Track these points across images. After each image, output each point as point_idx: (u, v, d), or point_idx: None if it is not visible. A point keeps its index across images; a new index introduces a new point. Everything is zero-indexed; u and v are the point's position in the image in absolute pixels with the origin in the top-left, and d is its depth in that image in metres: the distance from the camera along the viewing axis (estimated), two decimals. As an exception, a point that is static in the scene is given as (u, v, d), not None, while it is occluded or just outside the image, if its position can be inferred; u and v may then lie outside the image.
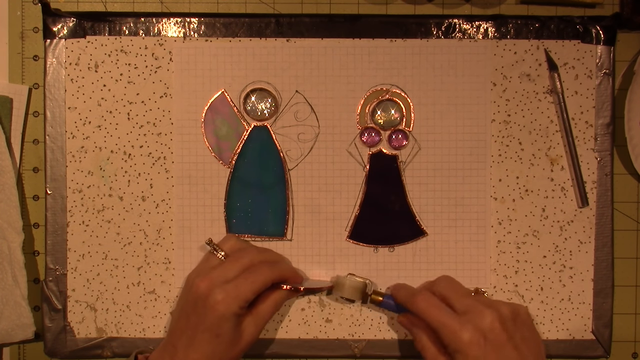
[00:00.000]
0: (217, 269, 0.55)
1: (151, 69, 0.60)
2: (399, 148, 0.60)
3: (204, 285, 0.53)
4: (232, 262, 0.55)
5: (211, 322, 0.53)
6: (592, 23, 0.60)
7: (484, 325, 0.51)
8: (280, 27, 0.60)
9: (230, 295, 0.53)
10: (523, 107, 0.60)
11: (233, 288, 0.53)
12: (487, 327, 0.51)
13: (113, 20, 0.60)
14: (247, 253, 0.56)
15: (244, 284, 0.54)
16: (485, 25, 0.60)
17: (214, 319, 0.53)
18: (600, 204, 0.60)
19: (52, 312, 0.60)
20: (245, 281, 0.54)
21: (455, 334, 0.51)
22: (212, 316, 0.53)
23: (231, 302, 0.53)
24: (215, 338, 0.53)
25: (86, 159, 0.60)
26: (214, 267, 0.55)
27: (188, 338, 0.53)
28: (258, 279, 0.54)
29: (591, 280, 0.60)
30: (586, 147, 0.60)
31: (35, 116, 0.62)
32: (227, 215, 0.61)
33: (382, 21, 0.60)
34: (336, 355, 0.61)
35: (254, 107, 0.61)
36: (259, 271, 0.55)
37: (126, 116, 0.60)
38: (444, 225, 0.60)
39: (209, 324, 0.53)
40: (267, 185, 0.60)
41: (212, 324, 0.53)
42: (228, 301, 0.53)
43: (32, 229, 0.62)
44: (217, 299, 0.53)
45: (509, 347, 0.51)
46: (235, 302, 0.53)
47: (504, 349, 0.51)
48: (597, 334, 0.60)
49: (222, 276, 0.54)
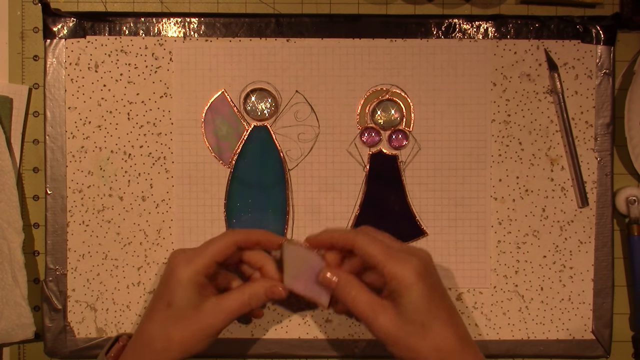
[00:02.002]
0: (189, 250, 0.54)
1: (151, 69, 0.60)
2: (399, 148, 0.60)
3: (172, 254, 0.53)
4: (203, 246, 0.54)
5: (165, 288, 0.52)
6: (592, 23, 0.60)
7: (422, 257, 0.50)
8: (280, 27, 0.60)
9: (187, 257, 0.52)
10: (523, 107, 0.60)
11: (192, 251, 0.52)
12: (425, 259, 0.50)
13: (113, 20, 0.60)
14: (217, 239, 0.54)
15: (203, 248, 0.52)
16: (485, 25, 0.60)
17: (169, 285, 0.51)
18: (600, 204, 0.60)
19: (52, 312, 0.60)
20: (205, 246, 0.53)
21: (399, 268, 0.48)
22: (168, 282, 0.52)
23: (186, 265, 0.51)
24: (167, 307, 0.51)
25: (86, 159, 0.60)
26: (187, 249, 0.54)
27: (148, 309, 0.53)
28: (218, 241, 0.53)
29: (591, 280, 0.60)
30: (586, 147, 0.60)
31: (35, 116, 0.62)
32: (227, 215, 0.61)
33: (382, 21, 0.60)
34: (336, 355, 0.61)
35: (254, 107, 0.61)
36: (221, 235, 0.54)
37: (126, 116, 0.60)
38: (444, 225, 0.60)
39: (164, 290, 0.52)
40: (267, 185, 0.60)
41: (166, 291, 0.52)
42: (183, 264, 0.51)
43: (32, 229, 0.62)
44: (174, 262, 0.52)
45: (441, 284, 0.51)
46: (191, 265, 0.51)
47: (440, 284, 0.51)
48: (597, 334, 0.60)
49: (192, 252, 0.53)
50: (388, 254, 0.50)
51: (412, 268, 0.49)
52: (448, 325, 0.49)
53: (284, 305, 0.61)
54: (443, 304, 0.50)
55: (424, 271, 0.49)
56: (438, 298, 0.49)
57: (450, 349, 0.48)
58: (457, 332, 0.49)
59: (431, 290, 0.49)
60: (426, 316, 0.48)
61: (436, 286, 0.50)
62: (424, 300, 0.48)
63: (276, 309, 0.61)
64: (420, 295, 0.48)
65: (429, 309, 0.48)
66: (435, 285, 0.50)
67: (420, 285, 0.48)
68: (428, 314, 0.48)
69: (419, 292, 0.48)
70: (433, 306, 0.49)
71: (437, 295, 0.49)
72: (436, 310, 0.49)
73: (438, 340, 0.48)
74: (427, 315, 0.48)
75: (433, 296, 0.49)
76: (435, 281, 0.51)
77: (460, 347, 0.49)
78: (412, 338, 0.48)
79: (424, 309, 0.48)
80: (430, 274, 0.50)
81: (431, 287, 0.49)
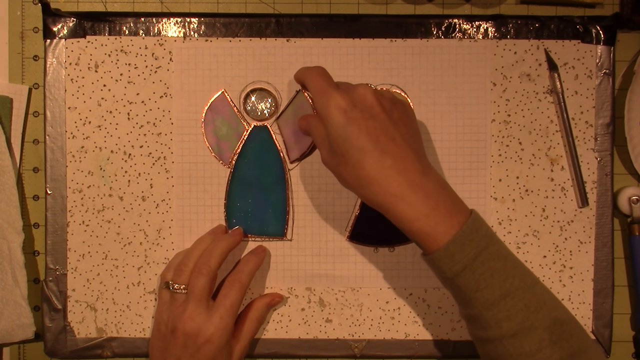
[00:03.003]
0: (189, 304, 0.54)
1: (151, 69, 0.60)
2: (399, 148, 0.60)
3: (190, 325, 0.53)
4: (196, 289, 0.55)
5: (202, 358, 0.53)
6: (592, 23, 0.60)
7: (355, 95, 0.51)
8: (280, 27, 0.60)
9: (218, 327, 0.54)
10: (523, 107, 0.60)
11: (218, 319, 0.54)
12: (359, 97, 0.51)
13: (113, 20, 0.60)
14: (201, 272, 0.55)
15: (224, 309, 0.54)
16: (485, 25, 0.60)
17: (209, 354, 0.54)
18: (600, 204, 0.60)
19: (52, 312, 0.60)
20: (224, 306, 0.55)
21: (327, 98, 0.51)
22: (207, 351, 0.53)
23: (220, 336, 0.54)
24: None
25: (86, 159, 0.60)
26: (184, 303, 0.55)
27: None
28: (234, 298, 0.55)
29: (591, 280, 0.60)
30: (586, 147, 0.60)
31: (35, 116, 0.62)
32: (227, 215, 0.61)
33: (382, 21, 0.60)
34: (336, 355, 0.61)
35: (254, 107, 0.61)
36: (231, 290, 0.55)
37: (126, 116, 0.60)
38: (444, 225, 0.60)
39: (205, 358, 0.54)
40: (267, 185, 0.60)
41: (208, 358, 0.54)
42: (217, 336, 0.54)
43: (32, 229, 0.62)
44: (207, 335, 0.53)
45: (383, 117, 0.50)
46: (225, 332, 0.54)
47: (376, 119, 0.50)
48: (597, 334, 0.60)
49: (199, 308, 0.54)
50: (320, 89, 0.52)
51: (331, 102, 0.50)
52: (369, 155, 0.49)
53: (284, 304, 0.61)
54: (371, 136, 0.49)
55: (344, 105, 0.50)
56: (365, 130, 0.49)
57: (371, 178, 0.49)
58: (381, 161, 0.49)
59: (352, 122, 0.49)
60: (343, 146, 0.49)
61: (362, 120, 0.49)
62: (341, 132, 0.49)
63: (276, 309, 0.61)
64: (336, 127, 0.50)
65: (345, 139, 0.49)
66: (361, 118, 0.49)
67: (337, 118, 0.50)
68: (345, 144, 0.49)
69: (335, 124, 0.50)
70: (354, 138, 0.49)
71: (361, 127, 0.49)
72: (356, 142, 0.49)
73: (357, 168, 0.49)
74: (345, 145, 0.49)
75: (354, 128, 0.49)
76: (365, 115, 0.50)
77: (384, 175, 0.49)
78: (338, 167, 0.51)
79: (341, 140, 0.49)
80: (357, 108, 0.50)
81: (353, 120, 0.49)
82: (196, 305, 0.54)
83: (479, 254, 0.48)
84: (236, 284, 0.56)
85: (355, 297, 0.61)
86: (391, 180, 0.48)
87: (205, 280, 0.54)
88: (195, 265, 0.55)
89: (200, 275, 0.55)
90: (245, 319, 0.58)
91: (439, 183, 0.50)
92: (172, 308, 0.55)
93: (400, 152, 0.49)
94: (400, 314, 0.61)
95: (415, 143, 0.51)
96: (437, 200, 0.49)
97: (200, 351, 0.53)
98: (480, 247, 0.48)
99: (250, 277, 0.57)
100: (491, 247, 0.49)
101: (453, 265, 0.48)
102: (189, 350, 0.53)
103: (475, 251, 0.48)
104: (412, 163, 0.49)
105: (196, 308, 0.54)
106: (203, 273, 0.55)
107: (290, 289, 0.61)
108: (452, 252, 0.48)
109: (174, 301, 0.55)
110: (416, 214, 0.48)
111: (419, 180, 0.49)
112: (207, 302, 0.55)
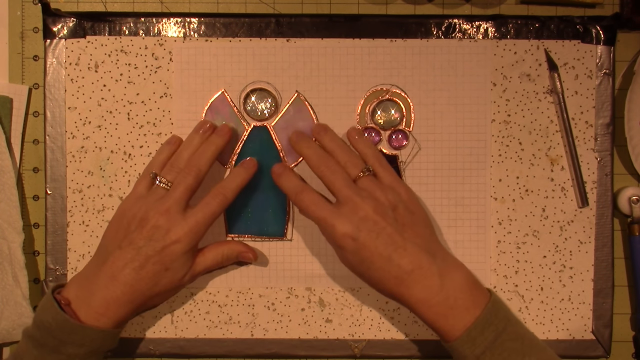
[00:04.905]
0: (169, 200, 0.54)
1: (151, 69, 0.60)
2: (399, 148, 0.60)
3: (164, 220, 0.54)
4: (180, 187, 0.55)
5: (166, 256, 0.53)
6: (592, 23, 0.60)
7: (357, 218, 0.52)
8: (280, 27, 0.60)
9: (192, 231, 0.54)
10: (523, 107, 0.60)
11: (194, 223, 0.54)
12: (361, 218, 0.52)
13: (113, 20, 0.60)
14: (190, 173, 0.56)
15: (202, 215, 0.55)
16: (485, 25, 0.60)
17: (170, 254, 0.53)
18: (600, 204, 0.60)
19: (52, 312, 0.60)
20: (202, 212, 0.55)
21: (332, 228, 0.53)
22: (169, 251, 0.53)
23: (190, 240, 0.54)
24: (165, 271, 0.54)
25: (86, 159, 0.60)
26: (164, 198, 0.55)
27: (134, 269, 0.53)
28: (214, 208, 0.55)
29: (591, 280, 0.60)
30: (586, 147, 0.60)
31: (35, 116, 0.62)
32: (227, 215, 0.61)
33: (382, 21, 0.60)
34: (336, 355, 0.61)
35: (254, 107, 0.61)
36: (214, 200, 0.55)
37: (126, 116, 0.60)
38: (444, 225, 0.60)
39: (164, 257, 0.53)
40: (267, 185, 0.60)
41: (167, 258, 0.54)
42: (187, 239, 0.54)
43: (32, 229, 0.62)
44: (178, 234, 0.53)
45: (390, 230, 0.52)
46: (196, 237, 0.54)
47: (383, 233, 0.52)
48: (597, 334, 0.60)
49: (177, 206, 0.54)
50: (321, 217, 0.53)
51: (342, 224, 0.52)
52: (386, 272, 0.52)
53: (285, 304, 0.61)
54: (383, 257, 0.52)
55: (350, 232, 0.52)
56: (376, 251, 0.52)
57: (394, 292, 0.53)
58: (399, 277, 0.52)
59: (363, 248, 0.52)
60: (361, 268, 0.53)
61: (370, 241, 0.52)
62: (356, 257, 0.53)
63: (276, 309, 0.61)
64: (350, 253, 0.53)
65: (362, 262, 0.53)
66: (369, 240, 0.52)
67: (347, 247, 0.53)
68: (362, 266, 0.53)
69: (347, 252, 0.53)
70: (368, 260, 0.52)
71: (372, 250, 0.52)
72: (371, 264, 0.52)
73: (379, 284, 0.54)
74: (362, 267, 0.53)
75: (366, 253, 0.52)
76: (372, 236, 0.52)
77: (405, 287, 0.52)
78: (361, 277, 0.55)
79: (358, 263, 0.53)
80: (363, 231, 0.52)
81: (362, 245, 0.52)
82: (176, 203, 0.54)
83: (499, 336, 0.51)
84: (219, 196, 0.56)
85: (355, 297, 0.61)
86: (413, 291, 0.52)
87: (193, 180, 0.55)
88: (186, 165, 0.56)
89: (189, 175, 0.55)
90: (214, 248, 0.58)
91: (456, 280, 0.52)
92: (147, 200, 0.55)
93: (414, 260, 0.52)
94: (400, 314, 0.61)
95: (425, 240, 0.54)
96: (456, 299, 0.52)
97: (166, 250, 0.53)
98: (499, 329, 0.51)
99: (235, 193, 0.57)
100: (509, 328, 0.51)
101: (475, 349, 0.50)
102: (154, 245, 0.53)
103: (494, 334, 0.51)
104: (428, 268, 0.52)
105: (175, 206, 0.54)
106: (192, 174, 0.55)
107: (290, 289, 0.61)
108: (474, 336, 0.51)
109: (152, 194, 0.56)
110: (435, 315, 0.52)
111: (436, 285, 0.52)
112: (186, 204, 0.55)
